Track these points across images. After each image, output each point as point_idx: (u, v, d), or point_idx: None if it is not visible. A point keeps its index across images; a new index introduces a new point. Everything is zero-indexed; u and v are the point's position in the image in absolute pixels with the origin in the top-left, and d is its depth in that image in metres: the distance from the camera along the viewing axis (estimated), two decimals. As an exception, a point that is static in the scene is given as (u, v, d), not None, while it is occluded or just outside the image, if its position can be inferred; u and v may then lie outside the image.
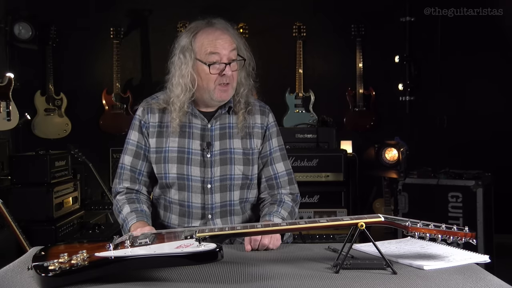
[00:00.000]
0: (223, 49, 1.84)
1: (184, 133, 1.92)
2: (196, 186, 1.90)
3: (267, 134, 2.00)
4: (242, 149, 1.94)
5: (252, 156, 1.96)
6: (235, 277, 1.36)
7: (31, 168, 3.67)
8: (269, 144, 2.01)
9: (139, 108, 1.98)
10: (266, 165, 2.00)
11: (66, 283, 1.27)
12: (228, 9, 5.04)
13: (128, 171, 1.96)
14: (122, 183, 1.96)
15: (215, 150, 1.91)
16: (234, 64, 1.87)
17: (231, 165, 1.92)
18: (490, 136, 4.91)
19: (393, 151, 4.04)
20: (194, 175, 1.90)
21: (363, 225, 1.41)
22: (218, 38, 1.85)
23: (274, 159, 2.01)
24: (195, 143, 1.91)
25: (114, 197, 1.99)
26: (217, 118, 1.94)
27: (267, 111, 2.04)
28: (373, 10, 5.11)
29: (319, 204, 3.96)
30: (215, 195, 1.91)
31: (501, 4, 4.75)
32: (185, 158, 1.90)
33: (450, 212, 3.92)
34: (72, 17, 5.11)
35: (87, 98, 5.14)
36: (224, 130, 1.95)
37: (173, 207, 1.95)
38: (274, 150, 2.01)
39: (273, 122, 2.04)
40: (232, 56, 1.86)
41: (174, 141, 1.91)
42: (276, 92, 5.02)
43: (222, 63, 1.84)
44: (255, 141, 1.97)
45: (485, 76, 4.97)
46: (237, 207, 1.96)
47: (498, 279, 1.33)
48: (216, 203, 1.92)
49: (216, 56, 1.84)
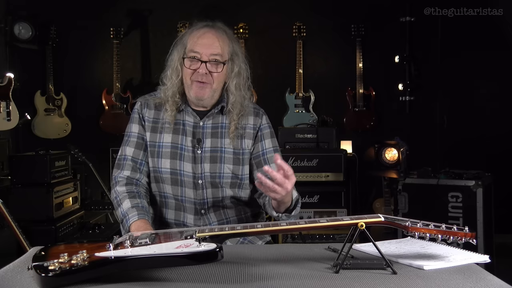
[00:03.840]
0: (203, 47, 1.89)
1: (178, 129, 1.98)
2: (188, 181, 1.95)
3: (259, 134, 2.03)
4: (233, 149, 1.98)
5: (243, 156, 1.99)
6: (235, 277, 1.35)
7: (31, 168, 3.67)
8: (261, 144, 2.02)
9: (137, 103, 2.05)
10: (259, 166, 2.01)
11: (66, 283, 1.27)
12: (228, 9, 5.04)
13: (130, 161, 1.98)
14: (123, 172, 1.98)
15: (206, 147, 1.96)
16: (213, 65, 1.90)
17: (221, 163, 1.96)
18: (490, 136, 4.91)
19: (393, 151, 4.04)
20: (186, 171, 1.95)
21: (363, 225, 1.41)
22: (203, 37, 1.90)
23: (268, 160, 2.01)
24: (188, 139, 1.97)
25: (113, 186, 1.99)
26: (209, 116, 1.99)
27: (261, 113, 2.06)
28: (373, 10, 5.11)
29: (319, 204, 3.96)
30: (206, 190, 1.96)
31: (501, 4, 4.76)
32: (178, 154, 1.95)
33: (450, 212, 3.92)
34: (72, 17, 5.11)
35: (87, 98, 5.14)
36: (216, 129, 1.99)
37: (168, 202, 2.00)
38: (267, 151, 2.02)
39: (266, 124, 2.06)
40: (214, 57, 1.90)
41: (168, 137, 1.97)
42: (276, 92, 5.03)
43: (198, 59, 1.88)
44: (246, 141, 2.00)
45: (485, 76, 4.98)
46: (229, 203, 2.00)
47: (498, 279, 1.33)
48: (208, 198, 1.97)
49: (196, 53, 1.89)
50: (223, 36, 1.93)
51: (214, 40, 1.90)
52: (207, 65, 1.89)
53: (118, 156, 2.02)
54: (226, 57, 1.93)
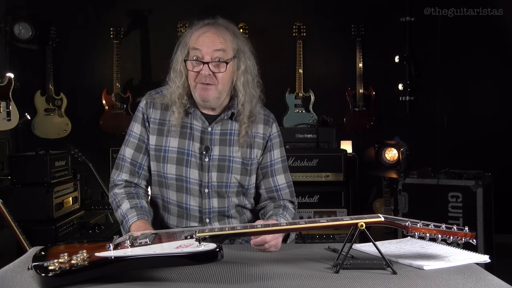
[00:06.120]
0: (204, 46, 1.78)
1: (185, 134, 1.89)
2: (194, 189, 1.88)
3: (269, 145, 1.97)
4: (242, 158, 1.91)
5: (251, 166, 1.93)
6: (235, 277, 1.35)
7: (31, 168, 3.67)
8: (270, 155, 1.98)
9: (143, 101, 1.95)
10: (266, 176, 1.98)
11: (66, 283, 1.27)
12: (228, 9, 5.04)
13: (128, 164, 1.93)
14: (121, 175, 1.94)
15: (213, 155, 1.88)
16: (216, 66, 1.80)
17: (228, 173, 1.89)
18: (490, 136, 4.91)
19: (393, 151, 4.04)
20: (192, 178, 1.88)
21: (363, 225, 1.41)
22: (204, 35, 1.80)
23: (275, 171, 1.98)
24: (195, 145, 1.88)
25: (111, 189, 1.96)
26: (218, 122, 1.90)
27: (271, 121, 1.99)
28: (373, 10, 5.11)
29: (319, 204, 3.96)
30: (212, 199, 1.89)
31: (501, 4, 4.76)
32: (184, 160, 1.88)
33: (450, 212, 3.92)
34: (72, 17, 5.11)
35: (87, 98, 5.14)
36: (224, 136, 1.91)
37: (171, 208, 1.93)
38: (275, 162, 1.98)
39: (276, 133, 1.99)
40: (217, 56, 1.79)
41: (175, 141, 1.88)
42: (276, 92, 5.03)
43: (200, 61, 1.79)
44: (255, 151, 1.94)
45: (485, 75, 4.98)
46: (234, 212, 1.95)
47: (498, 279, 1.33)
48: (213, 208, 1.90)
49: (197, 52, 1.80)
50: (225, 32, 1.82)
51: (215, 37, 1.80)
52: (209, 66, 1.78)
53: (118, 155, 1.97)
54: (230, 55, 1.82)
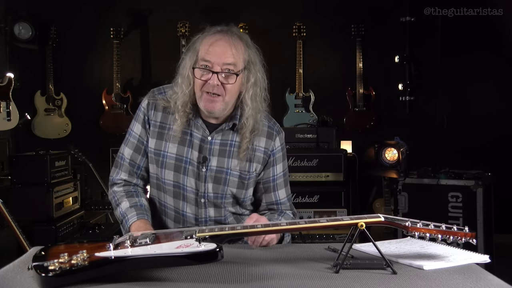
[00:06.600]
0: (215, 56, 1.73)
1: (185, 140, 1.86)
2: (190, 197, 1.87)
3: (271, 160, 1.93)
4: (239, 172, 1.88)
5: (248, 180, 1.90)
6: (235, 277, 1.36)
7: (31, 168, 3.67)
8: (272, 170, 1.94)
9: (145, 100, 1.92)
10: (268, 191, 1.97)
11: (66, 283, 1.27)
12: (228, 9, 5.04)
13: (127, 164, 1.92)
14: (120, 174, 1.93)
15: (211, 166, 1.86)
16: (226, 76, 1.74)
17: (224, 185, 1.87)
18: (490, 136, 4.91)
19: (393, 151, 4.04)
20: (189, 186, 1.86)
21: (363, 225, 1.41)
22: (215, 44, 1.75)
23: (277, 186, 1.97)
24: (194, 153, 1.85)
25: (110, 187, 1.95)
26: (219, 132, 1.86)
27: (275, 134, 1.93)
28: (373, 10, 5.12)
29: (319, 204, 3.96)
30: (208, 209, 1.89)
31: (501, 4, 4.76)
32: (182, 167, 1.85)
33: (450, 212, 3.92)
34: (72, 17, 5.11)
35: (87, 98, 5.14)
36: (224, 147, 1.87)
37: (168, 212, 1.93)
38: (278, 177, 1.96)
39: (279, 147, 1.94)
40: (227, 67, 1.74)
41: (174, 147, 1.86)
42: (276, 92, 4.97)
43: (209, 70, 1.73)
44: (254, 165, 1.89)
45: (485, 76, 4.98)
46: (231, 219, 1.95)
47: (498, 279, 1.33)
48: (210, 217, 1.90)
49: (208, 62, 1.74)
50: (237, 43, 1.77)
51: (227, 48, 1.74)
52: (219, 76, 1.73)
53: (118, 153, 1.96)
54: (240, 67, 1.76)
